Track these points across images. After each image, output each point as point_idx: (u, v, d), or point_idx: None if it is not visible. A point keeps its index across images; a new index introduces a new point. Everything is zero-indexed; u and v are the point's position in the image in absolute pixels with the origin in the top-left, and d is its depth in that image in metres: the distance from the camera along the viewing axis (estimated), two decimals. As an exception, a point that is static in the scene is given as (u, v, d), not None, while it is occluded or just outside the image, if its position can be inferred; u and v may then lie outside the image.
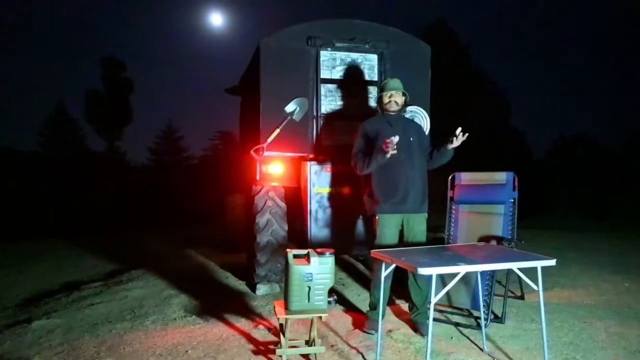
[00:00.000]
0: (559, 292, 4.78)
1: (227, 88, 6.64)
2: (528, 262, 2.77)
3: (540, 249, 6.32)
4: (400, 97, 3.78)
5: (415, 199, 3.67)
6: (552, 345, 3.33)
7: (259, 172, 4.64)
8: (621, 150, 25.50)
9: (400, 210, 3.67)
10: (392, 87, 3.77)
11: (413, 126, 3.91)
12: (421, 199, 3.71)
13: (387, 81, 3.85)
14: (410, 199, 3.64)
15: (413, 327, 3.73)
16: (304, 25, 4.71)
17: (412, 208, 3.67)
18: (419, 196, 3.69)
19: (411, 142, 3.70)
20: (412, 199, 3.65)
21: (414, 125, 3.95)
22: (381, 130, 3.70)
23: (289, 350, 3.07)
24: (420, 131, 3.96)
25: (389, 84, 3.80)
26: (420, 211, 3.73)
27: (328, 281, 3.03)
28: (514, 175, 4.05)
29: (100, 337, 3.72)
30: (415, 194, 3.66)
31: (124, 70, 30.07)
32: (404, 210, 3.67)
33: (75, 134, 29.27)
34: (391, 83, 3.80)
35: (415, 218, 3.71)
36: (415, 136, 3.77)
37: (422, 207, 3.72)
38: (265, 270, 4.78)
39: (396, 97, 3.76)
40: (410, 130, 3.76)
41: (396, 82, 3.81)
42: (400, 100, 3.78)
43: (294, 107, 4.57)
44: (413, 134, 3.77)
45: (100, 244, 9.36)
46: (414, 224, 3.70)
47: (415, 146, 3.72)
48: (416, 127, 3.97)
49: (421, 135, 3.90)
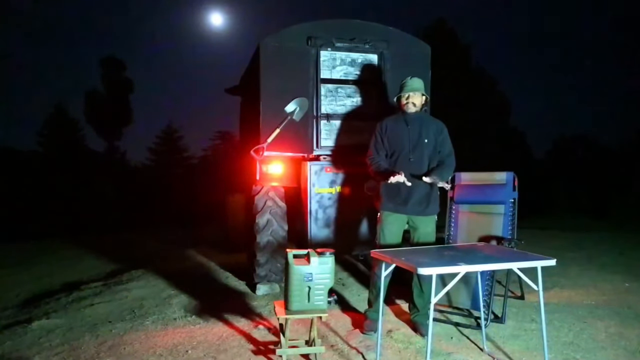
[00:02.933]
0: (559, 292, 4.78)
1: (227, 88, 6.65)
2: (528, 262, 2.77)
3: (540, 249, 6.31)
4: (419, 98, 3.65)
5: (419, 202, 3.60)
6: (552, 345, 3.32)
7: (259, 172, 4.64)
8: (621, 150, 25.50)
9: (402, 211, 3.65)
10: (410, 89, 3.63)
11: (432, 127, 3.68)
12: (426, 202, 3.62)
13: (406, 81, 3.67)
14: (412, 201, 3.59)
15: (413, 327, 3.72)
16: (304, 25, 4.71)
17: (413, 210, 3.62)
18: (423, 199, 3.61)
19: (425, 144, 3.61)
20: (415, 201, 3.60)
21: (433, 126, 3.70)
22: (398, 129, 3.67)
23: (289, 350, 3.07)
24: (438, 133, 3.68)
25: (408, 85, 3.65)
26: (425, 214, 3.65)
27: (328, 281, 3.03)
28: (514, 175, 4.04)
29: (100, 337, 3.72)
30: (419, 197, 3.59)
31: (124, 70, 30.10)
32: (406, 211, 3.64)
33: (75, 134, 29.27)
34: (409, 84, 3.65)
35: (419, 220, 3.67)
36: (432, 138, 3.63)
37: (425, 210, 3.64)
38: (265, 270, 4.78)
39: (414, 98, 3.63)
40: (426, 132, 3.63)
41: (415, 83, 3.65)
42: (418, 102, 3.65)
43: (294, 107, 4.57)
44: (429, 135, 3.63)
45: (100, 244, 9.36)
46: (418, 226, 3.67)
47: (429, 148, 3.62)
48: (435, 128, 3.69)
49: (438, 137, 3.67)
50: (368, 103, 4.79)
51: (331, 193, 4.59)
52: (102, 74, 29.74)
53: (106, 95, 29.49)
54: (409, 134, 3.63)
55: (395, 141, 3.68)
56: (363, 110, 4.79)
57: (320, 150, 4.69)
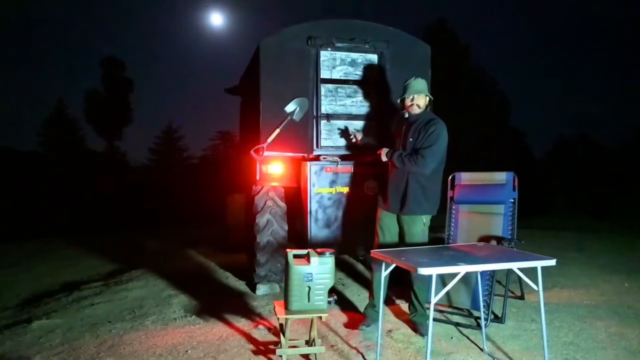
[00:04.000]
0: (559, 292, 4.78)
1: (227, 88, 6.64)
2: (528, 262, 2.77)
3: (540, 249, 6.31)
4: (423, 99, 3.67)
5: (395, 201, 3.67)
6: (552, 345, 3.33)
7: (259, 172, 4.64)
8: (621, 150, 25.52)
9: (385, 208, 3.80)
10: (415, 90, 3.64)
11: (422, 127, 3.60)
12: (401, 202, 3.63)
13: (410, 82, 3.67)
14: (391, 200, 3.71)
15: (413, 327, 3.73)
16: (304, 25, 4.71)
17: (392, 209, 3.73)
18: (398, 198, 3.65)
19: (409, 143, 3.65)
20: (393, 200, 3.70)
21: (426, 128, 3.58)
22: (397, 127, 3.84)
23: (289, 350, 3.07)
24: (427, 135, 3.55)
25: (412, 86, 3.65)
26: (404, 213, 3.66)
27: (328, 281, 3.03)
28: (514, 175, 4.04)
29: (100, 337, 3.72)
30: (396, 196, 3.67)
31: (124, 70, 30.12)
32: (388, 209, 3.77)
33: (75, 134, 29.30)
34: (414, 85, 3.65)
35: (402, 219, 3.73)
36: (416, 138, 3.61)
37: (403, 210, 3.64)
38: (265, 270, 4.78)
39: (418, 100, 3.65)
40: (414, 131, 3.64)
41: (419, 84, 3.66)
42: (422, 103, 3.67)
43: (294, 107, 4.57)
44: (415, 135, 3.63)
45: (100, 244, 9.36)
46: (403, 225, 3.75)
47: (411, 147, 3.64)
48: (428, 130, 3.56)
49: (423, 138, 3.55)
50: (368, 103, 4.79)
51: (331, 193, 4.59)
52: (102, 74, 29.79)
53: (106, 95, 29.52)
54: (402, 133, 3.75)
55: (394, 139, 3.87)
56: (363, 110, 4.80)
57: (320, 150, 4.69)
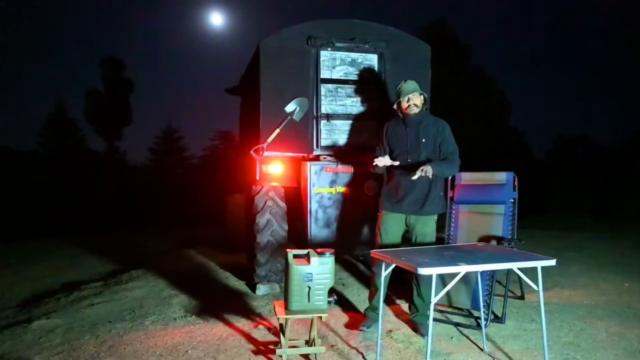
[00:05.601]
0: (559, 292, 4.78)
1: (227, 88, 6.64)
2: (528, 262, 2.77)
3: (540, 249, 6.33)
4: (419, 98, 3.67)
5: (415, 202, 3.63)
6: (552, 345, 3.33)
7: (259, 172, 4.64)
8: (621, 150, 25.52)
9: (398, 210, 3.69)
10: (409, 91, 3.65)
11: (431, 127, 3.66)
12: (422, 202, 3.63)
13: (402, 86, 3.69)
14: (407, 200, 3.63)
15: (413, 327, 3.73)
16: (304, 25, 4.71)
17: (408, 209, 3.65)
18: (419, 199, 3.63)
19: (423, 144, 3.62)
20: (411, 200, 3.63)
21: (434, 127, 3.67)
22: (397, 131, 3.74)
23: (289, 350, 3.07)
24: (438, 133, 3.65)
25: (405, 88, 3.66)
26: (421, 213, 3.66)
27: (328, 281, 3.03)
28: (514, 175, 4.04)
29: (100, 337, 3.72)
30: (415, 196, 3.62)
31: (124, 70, 30.12)
32: (401, 210, 3.68)
33: (75, 134, 29.30)
34: (407, 87, 3.66)
35: (416, 219, 3.68)
36: (430, 138, 3.62)
37: (422, 210, 3.64)
38: (265, 270, 4.78)
39: (414, 99, 3.65)
40: (424, 132, 3.64)
41: (411, 85, 3.67)
42: (419, 102, 3.66)
43: (294, 107, 4.57)
44: (428, 136, 3.63)
45: (100, 244, 9.36)
46: (415, 225, 3.69)
47: (427, 148, 3.62)
48: (435, 128, 3.66)
49: (438, 137, 3.64)
50: (368, 103, 4.79)
51: (331, 193, 4.59)
52: (102, 74, 29.79)
53: (106, 95, 29.50)
54: (406, 136, 3.68)
55: (395, 144, 3.74)
56: (363, 110, 4.80)
57: (320, 150, 4.69)
